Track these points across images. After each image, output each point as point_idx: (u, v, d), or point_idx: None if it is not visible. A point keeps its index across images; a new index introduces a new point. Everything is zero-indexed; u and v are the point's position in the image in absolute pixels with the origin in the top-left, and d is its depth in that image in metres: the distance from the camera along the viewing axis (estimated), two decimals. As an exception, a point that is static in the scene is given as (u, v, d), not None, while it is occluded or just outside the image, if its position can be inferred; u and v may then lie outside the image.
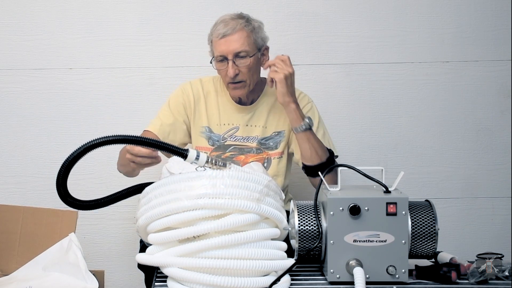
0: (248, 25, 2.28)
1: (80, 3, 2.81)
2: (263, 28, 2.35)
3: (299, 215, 1.74)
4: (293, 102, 2.23)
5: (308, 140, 2.23)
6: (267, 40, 2.37)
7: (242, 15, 2.32)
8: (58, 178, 1.66)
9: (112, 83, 2.84)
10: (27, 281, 1.97)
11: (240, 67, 2.27)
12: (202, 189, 1.62)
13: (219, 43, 2.26)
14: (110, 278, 2.80)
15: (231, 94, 2.36)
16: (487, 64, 2.87)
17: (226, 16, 2.31)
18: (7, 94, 2.83)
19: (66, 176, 1.66)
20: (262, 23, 2.36)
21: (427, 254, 1.75)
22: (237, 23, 2.27)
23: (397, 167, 2.84)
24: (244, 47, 2.25)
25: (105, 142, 1.64)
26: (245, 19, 2.30)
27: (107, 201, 1.79)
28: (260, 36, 2.32)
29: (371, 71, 2.86)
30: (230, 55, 2.25)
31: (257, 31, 2.30)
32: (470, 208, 2.92)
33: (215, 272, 1.60)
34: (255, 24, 2.31)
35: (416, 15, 2.85)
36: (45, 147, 2.84)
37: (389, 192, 1.73)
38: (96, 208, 1.78)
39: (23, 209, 2.19)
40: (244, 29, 2.26)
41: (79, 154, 1.64)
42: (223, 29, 2.26)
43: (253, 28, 2.29)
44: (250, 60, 2.28)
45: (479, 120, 2.89)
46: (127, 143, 1.70)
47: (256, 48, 2.30)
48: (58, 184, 1.67)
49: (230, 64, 2.26)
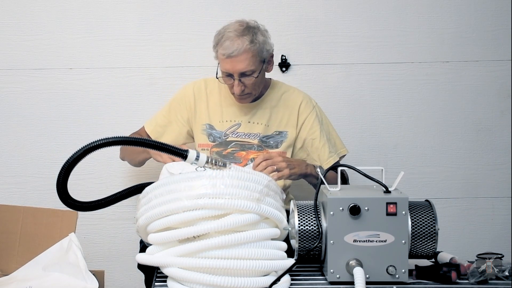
0: (253, 45, 2.24)
1: (80, 3, 2.81)
2: (268, 37, 2.33)
3: (299, 215, 1.74)
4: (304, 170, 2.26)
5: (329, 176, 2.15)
6: (272, 48, 2.36)
7: (247, 29, 2.27)
8: (58, 180, 1.66)
9: (112, 83, 2.84)
10: (27, 281, 1.97)
11: (246, 84, 2.29)
12: (202, 189, 1.62)
13: (225, 62, 2.26)
14: (110, 278, 2.80)
15: (237, 101, 2.38)
16: (487, 64, 2.87)
17: (231, 30, 2.26)
18: (7, 94, 2.83)
19: (66, 178, 1.66)
20: (266, 31, 2.33)
21: (427, 254, 1.75)
22: (242, 43, 2.23)
23: (397, 167, 2.83)
24: (249, 67, 2.26)
25: (105, 144, 1.64)
26: (251, 35, 2.25)
27: (108, 202, 1.78)
28: (265, 49, 2.30)
29: (371, 71, 2.86)
30: (235, 74, 2.27)
31: (262, 47, 2.28)
32: (470, 208, 2.92)
33: (215, 272, 1.60)
34: (260, 39, 2.27)
35: (416, 15, 2.85)
36: (45, 147, 2.84)
37: (389, 192, 1.73)
38: (97, 209, 1.78)
39: (23, 209, 2.19)
40: (249, 50, 2.24)
41: (79, 156, 1.64)
42: (229, 49, 2.23)
43: (259, 45, 2.26)
44: (255, 78, 2.29)
45: (479, 120, 2.89)
46: (127, 144, 1.70)
47: (261, 63, 2.30)
48: (59, 186, 1.67)
49: (236, 83, 2.28)
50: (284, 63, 2.83)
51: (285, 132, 2.40)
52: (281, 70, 2.83)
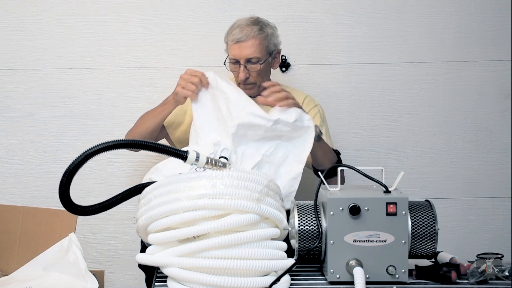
0: (261, 33, 2.36)
1: (80, 3, 2.81)
2: (276, 32, 2.43)
3: (299, 215, 1.74)
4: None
5: (321, 148, 2.24)
6: (279, 44, 2.45)
7: (257, 21, 2.39)
8: (60, 188, 1.66)
9: (112, 83, 2.84)
10: (27, 281, 1.97)
11: (250, 71, 2.36)
12: (202, 190, 1.62)
13: (233, 47, 2.36)
14: (110, 278, 2.80)
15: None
16: (487, 64, 2.87)
17: (242, 20, 2.39)
18: (7, 94, 2.83)
19: (68, 185, 1.66)
20: (275, 28, 2.44)
21: (427, 254, 1.75)
22: (251, 30, 2.35)
23: (397, 167, 2.83)
24: (255, 53, 2.34)
25: (105, 148, 1.64)
26: (260, 25, 2.37)
27: (110, 204, 1.78)
28: (273, 42, 2.40)
29: (371, 71, 2.86)
30: (242, 60, 2.35)
31: (269, 38, 2.39)
32: (470, 208, 2.92)
33: (215, 272, 1.60)
34: (269, 31, 2.39)
35: (416, 15, 2.85)
36: (45, 147, 2.84)
37: (389, 192, 1.73)
38: (100, 212, 1.77)
39: (23, 209, 2.19)
40: (257, 37, 2.35)
41: (80, 162, 1.64)
42: (238, 35, 2.35)
43: (266, 35, 2.37)
44: (260, 66, 2.36)
45: (479, 120, 2.89)
46: (128, 147, 1.71)
47: (268, 54, 2.39)
48: (61, 193, 1.67)
49: (241, 69, 2.35)
50: (284, 63, 2.83)
51: None
52: (281, 70, 2.83)
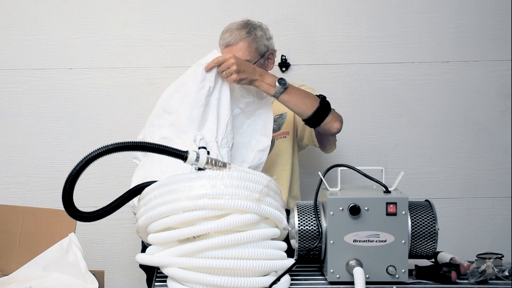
0: (249, 36, 2.36)
1: (80, 3, 2.82)
2: (268, 34, 2.41)
3: (299, 215, 1.74)
4: (257, 77, 2.18)
5: (291, 96, 2.19)
6: (272, 46, 2.42)
7: (247, 24, 2.39)
8: (64, 194, 1.65)
9: (112, 83, 2.84)
10: (27, 281, 1.97)
11: None
12: (202, 190, 1.62)
13: (224, 51, 2.36)
14: (110, 278, 2.80)
15: None
16: (487, 64, 2.87)
17: (233, 24, 2.40)
18: (7, 94, 2.84)
19: (71, 193, 1.65)
20: (267, 29, 2.42)
21: (427, 254, 1.75)
22: (239, 33, 2.36)
23: (397, 167, 2.84)
24: (245, 56, 2.34)
25: (106, 152, 1.63)
26: (248, 28, 2.37)
27: (114, 207, 1.77)
28: (263, 43, 2.39)
29: (371, 71, 2.86)
30: None
31: (259, 40, 2.38)
32: (470, 208, 2.92)
33: (215, 272, 1.60)
34: (258, 33, 2.38)
35: (416, 15, 2.85)
36: (45, 147, 2.84)
37: (389, 192, 1.73)
38: (105, 216, 1.77)
39: (23, 209, 2.19)
40: (245, 39, 2.35)
41: (81, 167, 1.62)
42: (227, 39, 2.37)
43: (255, 37, 2.37)
44: None
45: (479, 120, 2.89)
46: (128, 149, 1.70)
47: (258, 55, 2.38)
48: (65, 201, 1.66)
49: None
50: (284, 63, 2.84)
51: (284, 114, 2.46)
52: (281, 70, 2.84)
